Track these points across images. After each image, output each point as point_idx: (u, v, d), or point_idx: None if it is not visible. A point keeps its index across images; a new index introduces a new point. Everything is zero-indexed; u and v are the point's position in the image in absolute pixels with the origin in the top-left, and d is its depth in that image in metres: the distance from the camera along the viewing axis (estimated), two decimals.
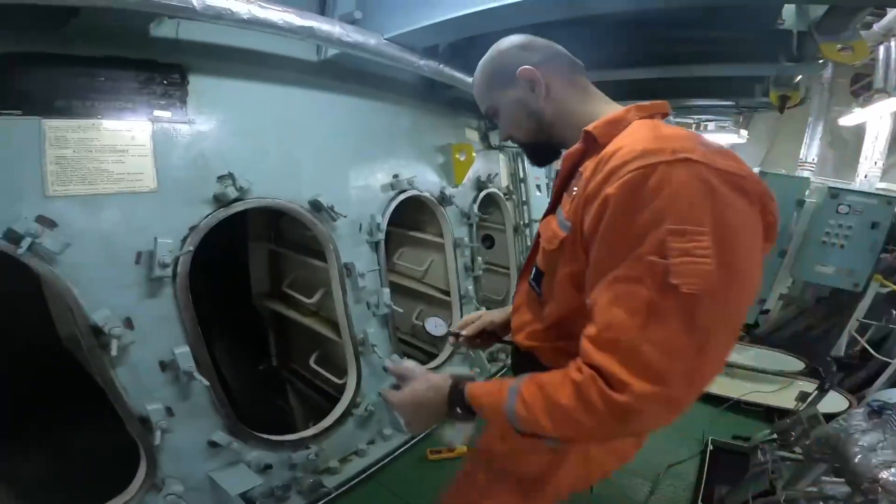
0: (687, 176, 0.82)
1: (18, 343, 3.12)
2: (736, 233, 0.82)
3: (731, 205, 0.82)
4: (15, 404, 3.01)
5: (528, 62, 1.15)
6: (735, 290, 0.83)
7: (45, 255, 1.66)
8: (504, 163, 4.51)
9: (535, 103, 1.16)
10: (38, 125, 1.70)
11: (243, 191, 2.11)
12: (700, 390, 0.88)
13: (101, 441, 2.63)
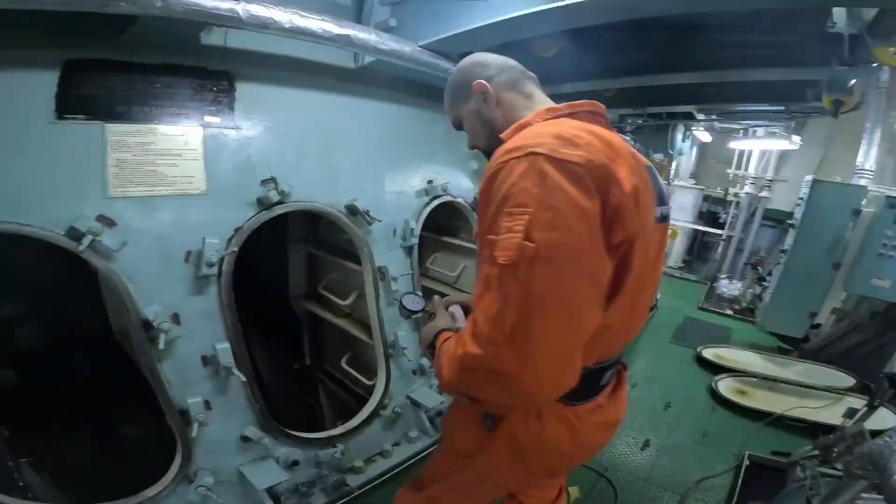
0: (525, 167, 0.96)
1: (73, 334, 3.37)
2: (558, 212, 0.93)
3: (559, 188, 0.93)
4: (65, 392, 3.23)
5: (482, 76, 1.32)
6: (556, 263, 0.93)
7: (104, 252, 1.80)
8: None
9: (488, 113, 1.32)
10: (101, 130, 1.85)
11: (284, 194, 2.22)
12: (536, 365, 0.95)
13: (141, 432, 2.81)
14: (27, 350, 3.35)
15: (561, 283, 0.94)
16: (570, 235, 0.93)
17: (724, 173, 9.33)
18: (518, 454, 1.29)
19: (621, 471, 3.06)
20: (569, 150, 0.96)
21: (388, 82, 2.76)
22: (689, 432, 3.53)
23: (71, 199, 1.78)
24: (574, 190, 0.94)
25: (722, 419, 3.76)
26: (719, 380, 4.25)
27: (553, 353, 0.96)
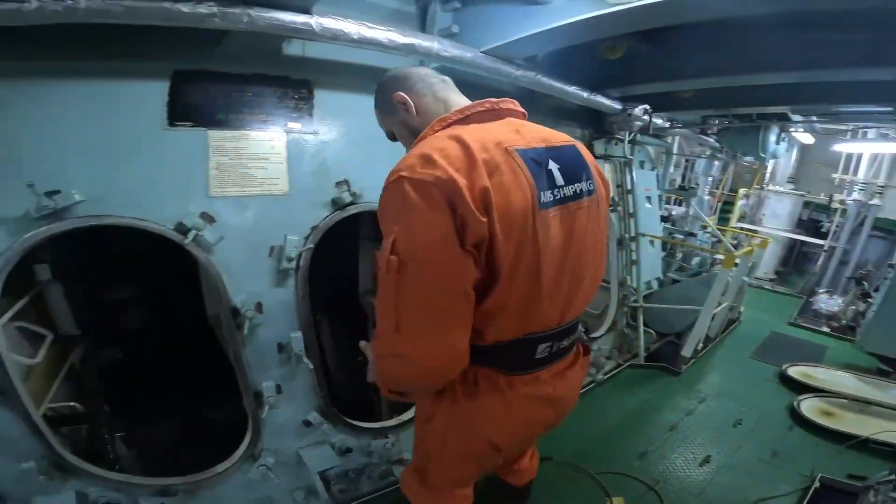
0: (391, 191, 1.21)
1: (172, 319, 3.83)
2: (411, 228, 1.17)
3: (413, 206, 1.15)
4: (159, 373, 3.66)
5: (401, 89, 1.50)
6: (412, 269, 1.17)
7: (204, 245, 2.12)
8: (610, 173, 4.51)
9: (410, 121, 1.51)
10: (204, 135, 2.17)
11: (356, 196, 2.46)
12: (419, 345, 1.24)
13: (220, 415, 3.13)
14: (132, 331, 3.88)
15: (419, 284, 1.19)
16: (423, 246, 1.17)
17: (829, 178, 8.64)
18: (459, 417, 1.47)
19: (673, 485, 3.01)
20: (424, 170, 1.17)
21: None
22: (758, 451, 3.39)
23: (179, 198, 2.11)
24: (425, 206, 1.15)
25: (798, 439, 3.57)
26: (803, 399, 4.04)
27: (428, 335, 1.24)
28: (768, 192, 9.10)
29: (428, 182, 1.15)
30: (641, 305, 4.66)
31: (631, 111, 3.90)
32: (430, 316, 1.23)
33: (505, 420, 1.49)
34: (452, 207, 1.15)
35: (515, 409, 1.47)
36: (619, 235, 4.57)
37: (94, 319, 3.32)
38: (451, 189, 1.15)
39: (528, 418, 1.55)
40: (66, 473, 2.14)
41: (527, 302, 1.34)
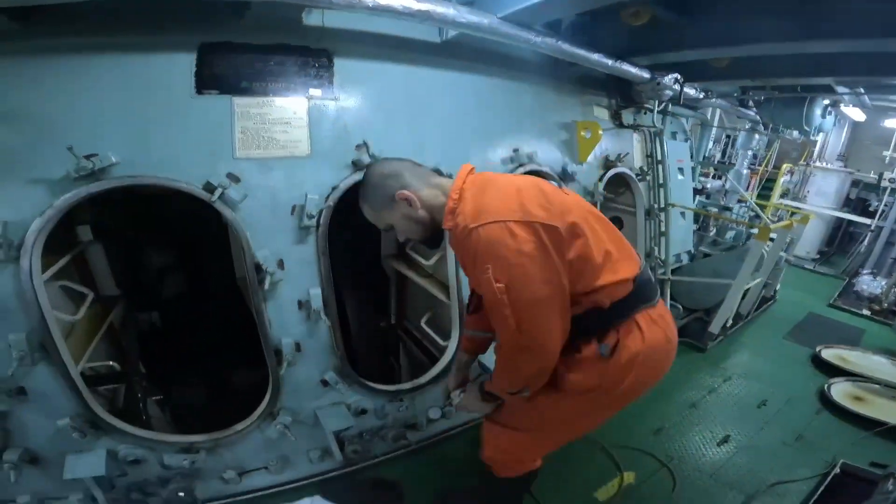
0: (482, 234, 1.55)
1: (206, 285, 4.04)
2: (503, 259, 1.54)
3: (504, 243, 1.53)
4: (193, 338, 3.89)
5: (400, 187, 1.75)
6: (516, 288, 1.54)
7: (230, 203, 2.27)
8: (638, 143, 4.46)
9: (416, 214, 1.77)
10: (229, 102, 2.31)
11: (375, 157, 2.55)
12: (537, 335, 1.61)
13: (248, 380, 3.25)
14: (170, 298, 4.11)
15: (536, 297, 1.56)
16: (520, 272, 1.54)
17: (880, 156, 8.26)
18: (636, 364, 1.73)
19: (688, 463, 3.01)
20: (509, 213, 1.57)
21: (472, 54, 2.97)
22: (781, 434, 3.35)
23: (207, 160, 2.26)
24: (516, 242, 1.53)
25: (824, 424, 3.52)
26: (834, 383, 3.97)
27: (541, 327, 1.61)
28: (814, 169, 8.76)
29: (514, 221, 1.55)
30: (669, 278, 4.62)
31: (660, 80, 3.84)
32: (539, 314, 1.59)
33: (665, 346, 1.82)
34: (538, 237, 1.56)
35: (670, 334, 1.83)
36: (647, 206, 4.54)
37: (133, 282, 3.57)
38: (537, 220, 1.57)
39: (672, 339, 1.86)
40: (99, 431, 2.32)
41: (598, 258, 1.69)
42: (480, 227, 1.55)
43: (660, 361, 1.83)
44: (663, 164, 4.53)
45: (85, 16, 2.01)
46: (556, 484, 2.75)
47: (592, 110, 4.00)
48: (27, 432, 2.24)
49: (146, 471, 2.46)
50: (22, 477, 2.20)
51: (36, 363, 2.12)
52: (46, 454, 2.28)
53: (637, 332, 1.72)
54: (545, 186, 1.72)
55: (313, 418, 2.72)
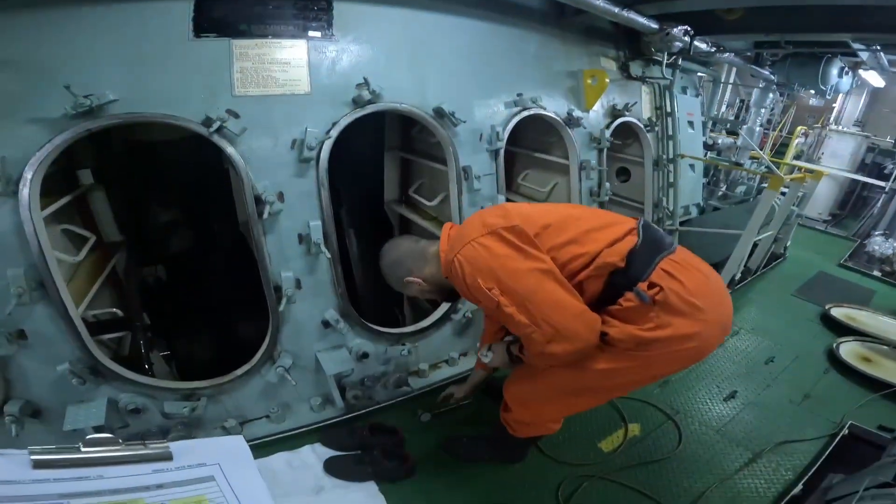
0: (461, 259, 1.83)
1: (210, 238, 4.04)
2: (489, 271, 1.77)
3: (480, 256, 1.80)
4: (198, 292, 3.88)
5: (406, 274, 2.10)
6: (509, 286, 1.74)
7: (229, 137, 2.27)
8: (646, 95, 4.41)
9: (426, 289, 2.13)
10: (228, 44, 2.31)
11: (375, 94, 2.54)
12: (558, 321, 1.73)
13: (254, 333, 3.31)
14: (176, 252, 4.13)
15: (522, 294, 1.74)
16: (500, 272, 1.76)
17: None
18: (686, 305, 1.74)
19: (694, 417, 3.02)
20: (459, 244, 1.85)
21: (476, 1, 2.94)
22: (788, 392, 3.34)
23: (206, 98, 2.26)
24: (482, 251, 1.80)
25: (832, 384, 3.50)
26: (842, 342, 3.96)
27: (551, 308, 1.73)
28: (830, 132, 8.61)
29: (499, 227, 1.81)
30: (677, 229, 4.60)
31: (669, 31, 3.77)
32: (543, 300, 1.73)
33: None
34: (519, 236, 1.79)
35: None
36: (656, 156, 4.50)
37: (137, 231, 3.60)
38: (507, 226, 1.81)
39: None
40: (99, 377, 2.33)
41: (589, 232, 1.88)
42: (457, 255, 1.83)
43: (714, 303, 1.80)
44: (672, 116, 4.48)
45: None
46: (561, 435, 2.78)
47: (599, 61, 3.94)
48: (28, 382, 2.24)
49: (147, 420, 2.47)
50: (24, 431, 2.20)
51: (35, 302, 2.11)
52: (48, 405, 2.29)
53: (668, 276, 1.74)
54: (510, 207, 2.04)
55: (314, 363, 2.76)
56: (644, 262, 1.77)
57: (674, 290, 1.71)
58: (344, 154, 2.55)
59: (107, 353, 2.81)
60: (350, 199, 3.69)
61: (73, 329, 2.23)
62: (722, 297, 1.87)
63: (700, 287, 1.77)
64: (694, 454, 2.72)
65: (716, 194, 6.44)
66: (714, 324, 1.80)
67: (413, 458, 2.49)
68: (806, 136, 9.12)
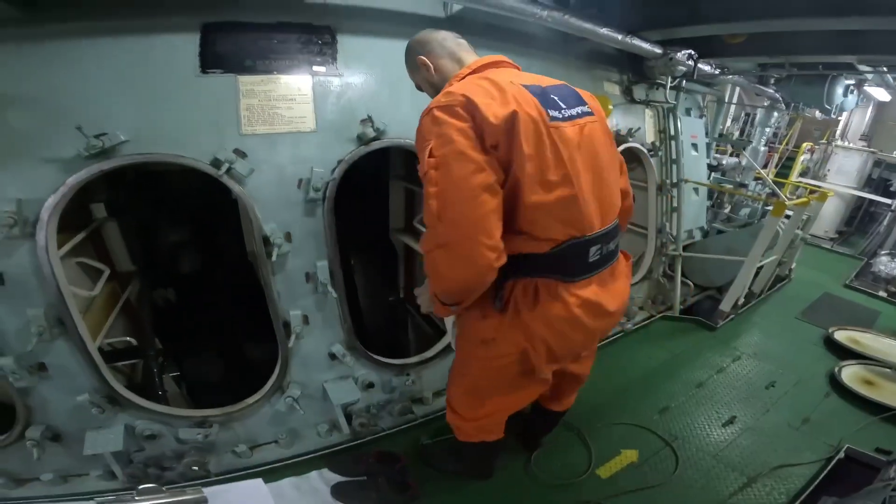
0: (427, 118, 1.63)
1: (219, 259, 4.10)
2: (443, 138, 1.55)
3: (443, 122, 1.56)
4: (206, 314, 3.96)
5: (422, 53, 1.93)
6: (448, 164, 1.54)
7: (237, 177, 2.31)
8: (650, 118, 4.42)
9: (431, 78, 1.95)
10: (234, 80, 2.34)
11: (380, 131, 2.58)
12: (462, 232, 1.55)
13: (260, 355, 3.33)
14: (185, 274, 4.19)
15: (454, 175, 1.53)
16: (453, 145, 1.53)
17: None
18: (523, 328, 1.77)
19: (691, 443, 3.00)
20: (445, 99, 1.59)
21: (478, 29, 2.91)
22: (788, 416, 3.30)
23: (214, 137, 2.30)
24: (451, 119, 1.55)
25: (833, 408, 3.45)
26: (845, 365, 3.90)
27: (469, 222, 1.54)
28: (835, 148, 8.55)
29: (450, 104, 1.57)
30: (680, 254, 4.59)
31: (673, 55, 3.79)
32: (464, 202, 1.54)
33: (563, 328, 1.78)
34: (472, 117, 1.55)
35: (577, 316, 1.76)
36: (659, 181, 4.50)
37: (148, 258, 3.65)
38: (471, 106, 1.55)
39: (587, 328, 1.82)
40: (117, 406, 2.41)
41: (566, 201, 1.66)
42: (434, 108, 1.62)
43: (565, 336, 1.81)
44: (676, 139, 4.48)
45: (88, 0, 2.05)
46: (558, 461, 2.79)
47: (603, 86, 3.96)
48: (48, 409, 2.34)
49: (162, 445, 2.55)
50: (45, 454, 2.30)
51: (55, 338, 2.20)
52: (67, 431, 2.38)
53: (532, 297, 1.75)
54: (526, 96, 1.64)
55: (321, 392, 2.80)
56: (533, 269, 1.74)
57: (519, 308, 1.76)
58: (351, 181, 2.60)
59: (121, 379, 2.92)
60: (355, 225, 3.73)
61: (90, 361, 2.32)
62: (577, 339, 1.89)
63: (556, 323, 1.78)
64: (690, 479, 2.71)
65: (720, 216, 6.41)
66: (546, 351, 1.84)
67: (416, 484, 2.53)
68: (812, 152, 9.05)
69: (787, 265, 5.62)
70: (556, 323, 1.76)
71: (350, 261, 2.99)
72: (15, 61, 2.02)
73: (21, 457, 2.30)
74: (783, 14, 2.92)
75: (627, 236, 4.78)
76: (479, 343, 1.90)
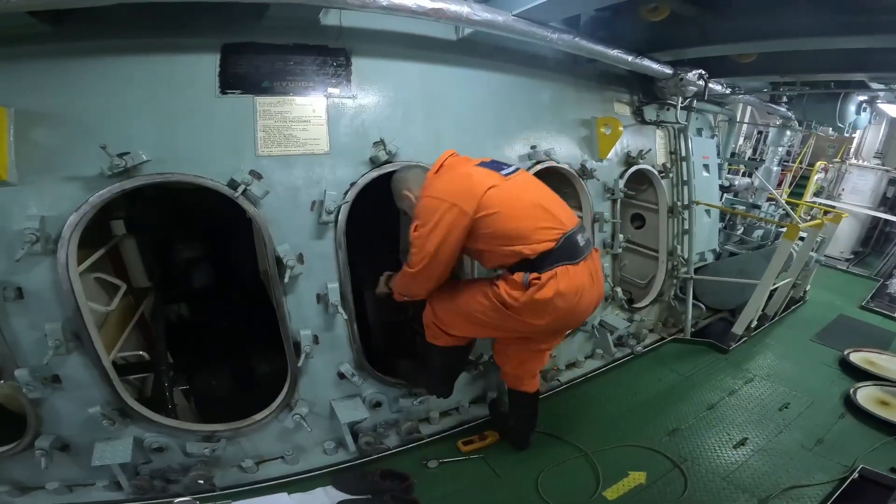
0: (420, 203, 2.36)
1: (232, 276, 4.15)
2: (429, 224, 2.29)
3: (432, 208, 2.28)
4: (218, 329, 3.97)
5: (404, 188, 2.53)
6: (423, 237, 2.30)
7: (252, 199, 2.36)
8: (661, 139, 4.42)
9: (411, 203, 2.50)
10: (252, 101, 2.41)
11: (392, 154, 2.62)
12: (425, 276, 2.41)
13: (270, 370, 3.30)
14: (198, 288, 4.21)
15: (432, 253, 2.31)
16: (437, 237, 2.29)
17: None
18: (543, 302, 2.34)
19: (701, 465, 2.95)
20: (442, 185, 2.34)
21: (489, 52, 2.99)
22: (801, 437, 3.24)
23: (231, 158, 2.37)
24: (446, 208, 2.27)
25: (847, 428, 3.39)
26: (860, 387, 3.84)
27: (425, 273, 2.39)
28: (850, 167, 8.46)
29: (440, 199, 2.29)
30: (692, 277, 4.56)
31: (683, 76, 3.79)
32: (430, 260, 2.33)
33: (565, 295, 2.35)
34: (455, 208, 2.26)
35: (574, 280, 2.36)
36: (671, 203, 4.48)
37: (164, 274, 3.71)
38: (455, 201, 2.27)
39: (591, 297, 2.49)
40: (127, 419, 2.44)
41: (524, 221, 2.34)
42: (424, 198, 2.36)
43: (569, 305, 2.38)
44: (687, 160, 4.47)
45: (113, 18, 2.11)
46: (565, 481, 2.77)
47: (613, 106, 3.98)
48: (59, 420, 2.37)
49: (169, 458, 2.56)
50: (53, 463, 2.33)
51: (70, 352, 2.24)
52: (77, 441, 2.41)
53: (553, 280, 2.30)
54: (477, 186, 2.31)
55: (329, 410, 2.81)
56: (548, 262, 2.32)
57: (542, 287, 2.30)
58: (360, 199, 2.64)
59: (132, 392, 2.96)
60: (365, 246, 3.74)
61: (104, 374, 2.35)
62: (584, 305, 2.47)
63: (569, 289, 2.34)
64: (699, 501, 2.67)
65: (732, 238, 6.35)
66: (560, 319, 2.45)
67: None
68: (826, 171, 8.97)
69: (801, 287, 5.55)
70: (571, 292, 2.37)
71: (359, 279, 3.01)
72: (41, 77, 2.09)
73: (27, 465, 2.33)
74: (792, 33, 2.92)
75: (638, 258, 4.77)
76: (500, 302, 2.39)
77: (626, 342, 4.20)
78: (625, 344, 4.20)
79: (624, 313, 4.25)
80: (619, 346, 4.17)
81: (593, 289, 2.51)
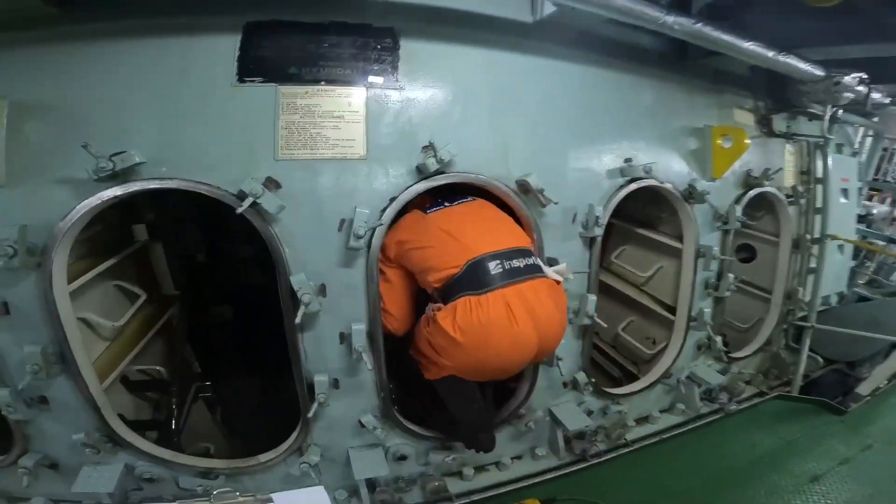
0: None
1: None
2: None
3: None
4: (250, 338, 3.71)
5: None
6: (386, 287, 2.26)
7: (264, 214, 1.91)
8: (791, 156, 3.60)
9: None
10: (274, 92, 1.99)
11: (444, 163, 2.10)
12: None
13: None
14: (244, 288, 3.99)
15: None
16: None
17: None
18: (447, 334, 1.98)
19: None
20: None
21: (574, 38, 2.42)
22: None
23: (245, 161, 1.96)
24: None
25: None
26: None
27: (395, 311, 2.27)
28: None
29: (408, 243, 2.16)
30: (813, 326, 3.67)
31: (839, 79, 2.98)
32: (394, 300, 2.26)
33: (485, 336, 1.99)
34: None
35: (493, 316, 1.97)
36: (797, 234, 3.64)
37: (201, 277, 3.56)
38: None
39: (507, 335, 1.99)
40: (117, 446, 2.20)
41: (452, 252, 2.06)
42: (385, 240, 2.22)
43: (482, 342, 1.98)
44: (825, 183, 3.61)
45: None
46: None
47: (732, 113, 3.23)
48: (47, 440, 2.16)
49: (161, 489, 2.30)
50: (37, 480, 2.15)
51: (53, 376, 2.01)
52: (65, 461, 2.22)
53: (451, 313, 1.97)
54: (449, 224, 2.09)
55: (346, 457, 2.38)
56: (453, 292, 2.00)
57: (438, 320, 1.99)
58: None
59: (149, 405, 2.86)
60: None
61: (91, 400, 2.11)
62: (504, 346, 2.01)
63: (473, 325, 1.95)
64: None
65: (860, 276, 5.23)
66: (470, 363, 2.07)
67: None
68: None
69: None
70: (475, 327, 2.02)
71: None
72: (40, 66, 1.88)
73: (17, 479, 2.15)
74: None
75: (742, 298, 3.93)
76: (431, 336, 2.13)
77: (716, 396, 3.40)
78: (714, 399, 3.39)
79: (718, 364, 3.49)
80: (706, 399, 3.40)
81: (527, 326, 2.00)
